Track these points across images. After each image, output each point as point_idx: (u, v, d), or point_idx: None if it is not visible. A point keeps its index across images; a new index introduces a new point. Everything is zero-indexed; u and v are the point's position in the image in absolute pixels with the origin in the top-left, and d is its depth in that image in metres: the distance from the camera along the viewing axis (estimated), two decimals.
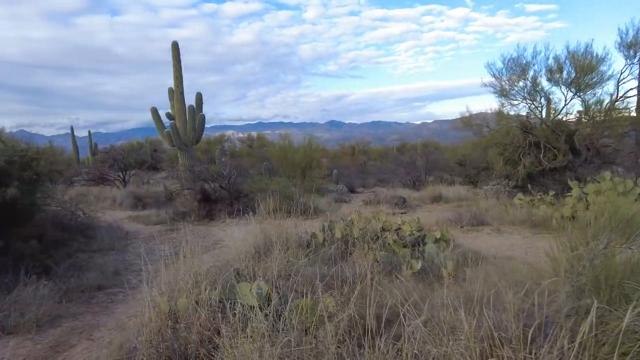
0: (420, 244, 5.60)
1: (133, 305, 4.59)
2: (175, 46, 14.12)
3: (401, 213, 11.07)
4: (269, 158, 19.12)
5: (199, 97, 14.59)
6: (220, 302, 3.27)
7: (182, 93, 14.06)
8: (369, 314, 2.58)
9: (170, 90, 14.41)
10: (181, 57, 14.01)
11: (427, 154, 21.86)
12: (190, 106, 13.83)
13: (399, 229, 5.94)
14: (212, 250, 7.39)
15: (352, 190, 19.56)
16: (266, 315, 2.78)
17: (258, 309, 2.92)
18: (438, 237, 5.67)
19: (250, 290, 3.22)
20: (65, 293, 4.48)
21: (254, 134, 42.35)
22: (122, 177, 16.44)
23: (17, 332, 3.74)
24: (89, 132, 32.76)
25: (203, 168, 12.27)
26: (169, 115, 14.33)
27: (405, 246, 5.49)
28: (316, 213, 11.11)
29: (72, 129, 31.55)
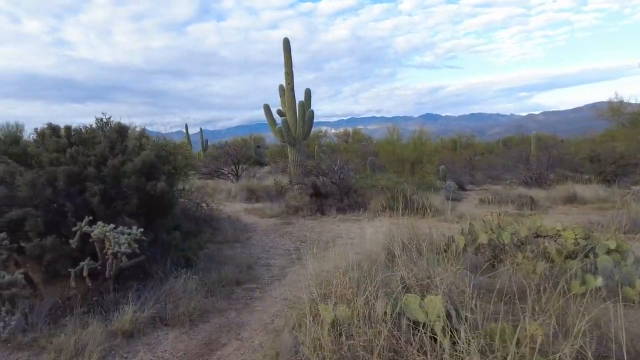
0: (590, 255, 4.69)
1: (271, 304, 4.48)
2: (286, 43, 14.33)
3: (530, 215, 9.87)
4: (376, 153, 18.68)
5: (308, 93, 14.66)
6: (386, 314, 2.91)
7: (292, 89, 14.24)
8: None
9: (281, 87, 14.68)
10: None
11: (549, 148, 19.52)
12: (301, 102, 13.94)
13: (558, 235, 5.07)
14: (333, 247, 7.18)
15: (461, 188, 18.29)
16: (454, 343, 2.33)
17: (440, 330, 2.48)
18: (612, 247, 4.71)
19: (421, 304, 2.79)
20: (210, 288, 4.50)
21: (350, 129, 42.22)
22: (235, 171, 17.32)
23: (173, 324, 3.79)
24: (201, 129, 35.40)
25: (315, 163, 12.25)
26: (279, 112, 14.62)
27: (570, 257, 4.65)
28: (431, 212, 10.42)
29: (186, 126, 34.32)
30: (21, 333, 3.54)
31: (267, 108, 14.79)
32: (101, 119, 6.26)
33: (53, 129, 5.54)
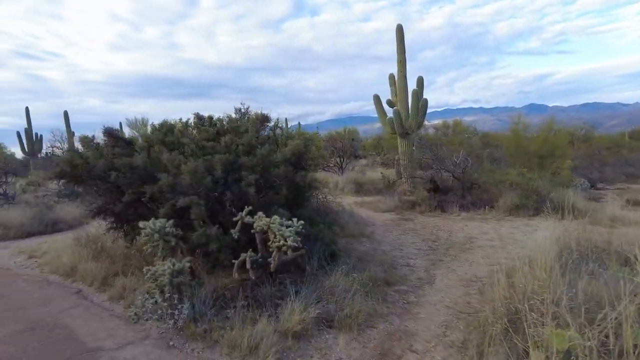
0: None
1: (432, 312, 3.98)
2: (399, 30, 13.63)
3: None
4: (485, 145, 17.14)
5: (421, 81, 13.82)
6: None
7: (405, 77, 13.53)
8: None
9: (391, 76, 14.06)
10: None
11: None
12: (414, 90, 13.18)
13: None
14: (471, 249, 6.47)
15: (592, 186, 16.02)
16: None
17: None
18: None
19: None
20: (368, 288, 4.13)
21: (449, 120, 40.06)
22: (339, 164, 17.17)
23: (339, 327, 3.48)
24: (299, 123, 36.14)
25: (433, 156, 11.47)
26: (389, 102, 14.02)
27: None
28: (574, 213, 9.08)
29: (286, 120, 35.21)
30: (193, 322, 3.48)
31: (376, 99, 14.27)
32: (239, 109, 6.24)
33: (200, 118, 5.60)
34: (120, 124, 29.02)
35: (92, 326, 3.72)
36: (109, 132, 5.19)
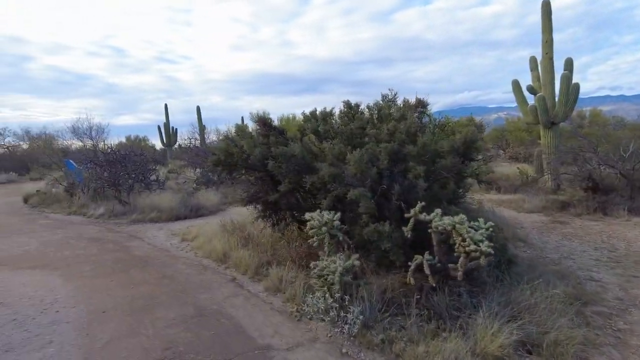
0: None
1: None
2: (546, 6, 11.92)
3: None
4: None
5: (569, 63, 11.95)
6: None
7: (552, 59, 11.82)
8: None
9: (532, 59, 12.42)
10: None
11: None
12: (564, 74, 11.43)
13: None
14: None
15: None
16: None
17: None
18: None
19: None
20: (564, 307, 3.37)
21: (585, 110, 35.05)
22: None
23: (548, 356, 2.81)
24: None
25: (591, 149, 9.80)
26: (530, 89, 12.41)
27: None
28: None
29: None
30: (365, 328, 3.13)
31: (516, 85, 12.75)
32: (386, 95, 5.78)
33: (349, 106, 5.27)
34: (242, 118, 31.01)
35: (256, 320, 3.60)
36: (263, 121, 5.13)
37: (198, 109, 29.11)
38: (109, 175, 9.92)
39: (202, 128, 29.11)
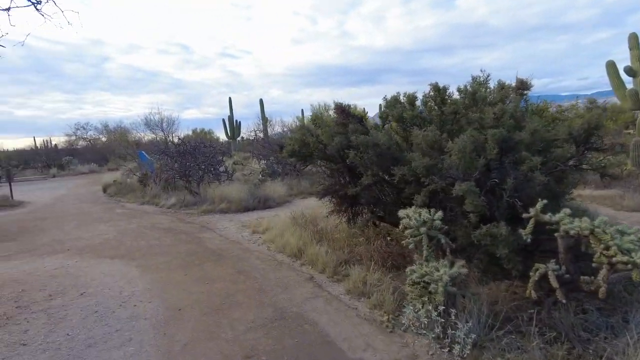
0: None
1: None
2: None
3: None
4: None
5: None
6: None
7: None
8: None
9: (633, 37, 10.90)
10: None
11: None
12: None
13: None
14: None
15: None
16: None
17: None
18: None
19: None
20: None
21: None
22: None
23: None
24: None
25: None
26: (628, 70, 10.93)
27: None
28: None
29: None
30: (479, 351, 2.64)
31: (611, 67, 11.31)
32: (477, 77, 5.12)
33: (437, 90, 4.71)
34: (302, 110, 30.99)
35: (343, 328, 3.22)
36: (341, 108, 4.73)
37: (261, 101, 29.47)
38: (179, 166, 10.08)
39: (265, 120, 29.47)
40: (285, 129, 18.59)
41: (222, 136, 33.08)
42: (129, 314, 3.60)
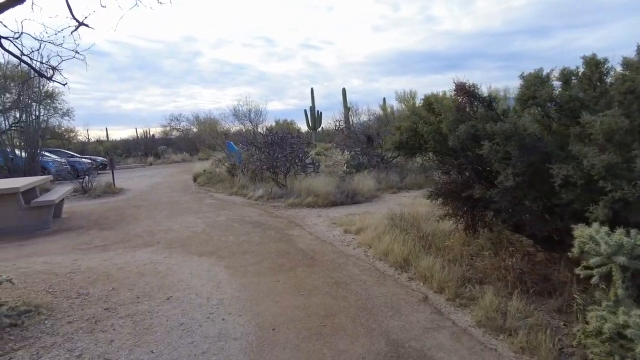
0: None
1: None
2: None
3: None
4: None
5: None
6: None
7: None
8: None
9: None
10: None
11: None
12: None
13: None
14: None
15: None
16: None
17: None
18: None
19: None
20: None
21: None
22: None
23: None
24: None
25: None
26: None
27: None
28: None
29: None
30: None
31: None
32: None
33: (597, 64, 3.59)
34: (384, 99, 29.82)
35: None
36: (464, 89, 3.82)
37: (344, 91, 28.87)
38: (266, 157, 9.78)
39: (348, 110, 28.88)
40: (371, 118, 17.72)
41: (302, 127, 33.20)
42: (217, 331, 3.12)
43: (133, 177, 17.16)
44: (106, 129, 35.75)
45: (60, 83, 4.46)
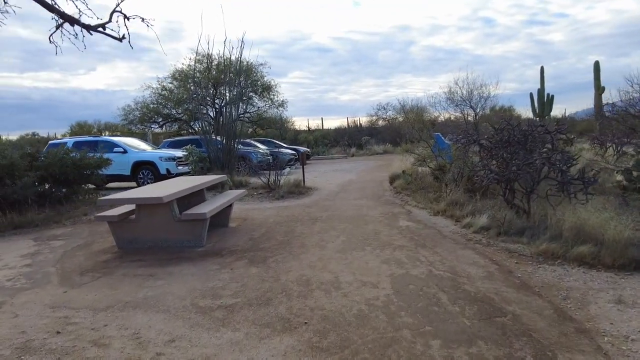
0: None
1: None
2: None
3: None
4: None
5: None
6: None
7: None
8: None
9: None
10: None
11: None
12: None
13: None
14: None
15: None
16: None
17: None
18: None
19: None
20: None
21: None
22: None
23: None
24: None
25: None
26: None
27: None
28: None
29: None
30: None
31: None
32: None
33: None
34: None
35: None
36: None
37: (596, 64, 21.52)
38: (500, 163, 6.18)
39: (600, 90, 21.47)
40: None
41: (523, 113, 26.96)
42: None
43: (329, 172, 15.78)
44: (321, 118, 37.24)
45: None
